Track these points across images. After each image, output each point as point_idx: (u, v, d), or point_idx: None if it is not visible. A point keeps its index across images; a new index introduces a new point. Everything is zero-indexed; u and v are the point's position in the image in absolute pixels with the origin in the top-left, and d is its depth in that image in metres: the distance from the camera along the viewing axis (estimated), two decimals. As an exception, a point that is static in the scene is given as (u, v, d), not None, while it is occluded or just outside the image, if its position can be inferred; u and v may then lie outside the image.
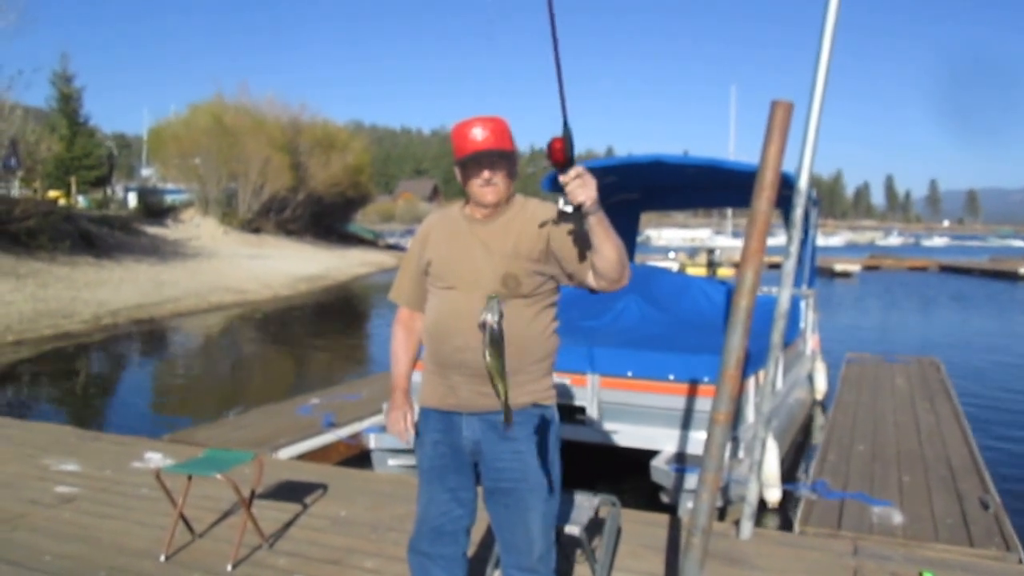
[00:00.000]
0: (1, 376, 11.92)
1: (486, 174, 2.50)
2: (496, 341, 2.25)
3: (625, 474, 5.94)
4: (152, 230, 29.89)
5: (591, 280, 2.48)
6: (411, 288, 2.75)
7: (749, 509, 4.35)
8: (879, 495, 5.26)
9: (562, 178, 2.23)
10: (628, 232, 10.19)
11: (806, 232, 7.59)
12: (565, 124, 2.26)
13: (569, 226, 2.40)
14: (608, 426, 5.67)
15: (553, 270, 2.54)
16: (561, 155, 2.24)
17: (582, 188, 2.21)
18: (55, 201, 26.66)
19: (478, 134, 2.47)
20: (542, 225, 2.49)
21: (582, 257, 2.45)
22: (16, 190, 24.48)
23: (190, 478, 4.12)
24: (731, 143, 51.50)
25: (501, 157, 2.50)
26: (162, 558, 3.99)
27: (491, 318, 2.25)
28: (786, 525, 5.39)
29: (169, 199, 38.69)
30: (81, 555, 4.05)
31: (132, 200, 38.99)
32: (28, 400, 10.69)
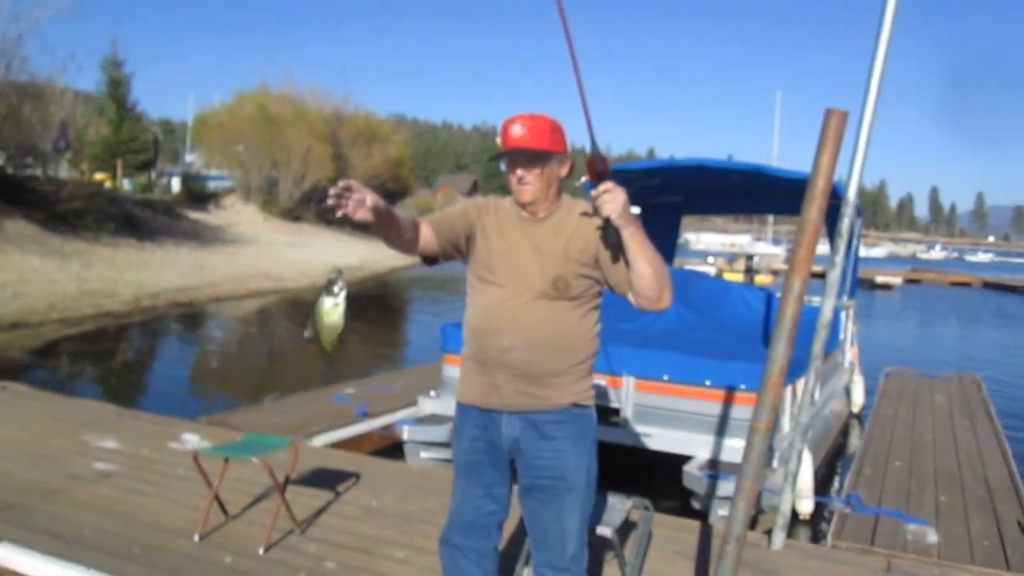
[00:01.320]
0: (45, 352, 12.19)
1: (519, 172, 2.51)
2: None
3: (656, 478, 5.91)
4: (194, 215, 30.33)
5: (631, 297, 2.52)
6: (442, 222, 2.64)
7: (782, 520, 4.31)
8: (914, 513, 5.18)
9: (593, 192, 2.36)
10: (669, 235, 10.12)
11: (849, 243, 7.50)
12: (593, 143, 2.45)
13: (609, 237, 2.46)
14: (641, 429, 5.64)
15: (599, 275, 2.56)
16: (593, 171, 2.41)
17: (609, 203, 2.33)
18: (101, 183, 27.17)
19: (515, 131, 2.47)
20: (583, 214, 2.52)
21: (616, 262, 2.49)
22: (64, 171, 24.98)
23: (226, 460, 4.18)
24: (775, 148, 50.65)
25: (535, 156, 2.48)
26: (196, 538, 4.05)
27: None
28: (817, 538, 5.33)
29: (211, 185, 39.18)
30: (118, 531, 4.13)
31: (175, 185, 39.56)
32: (70, 376, 10.91)
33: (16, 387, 7.36)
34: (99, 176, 30.35)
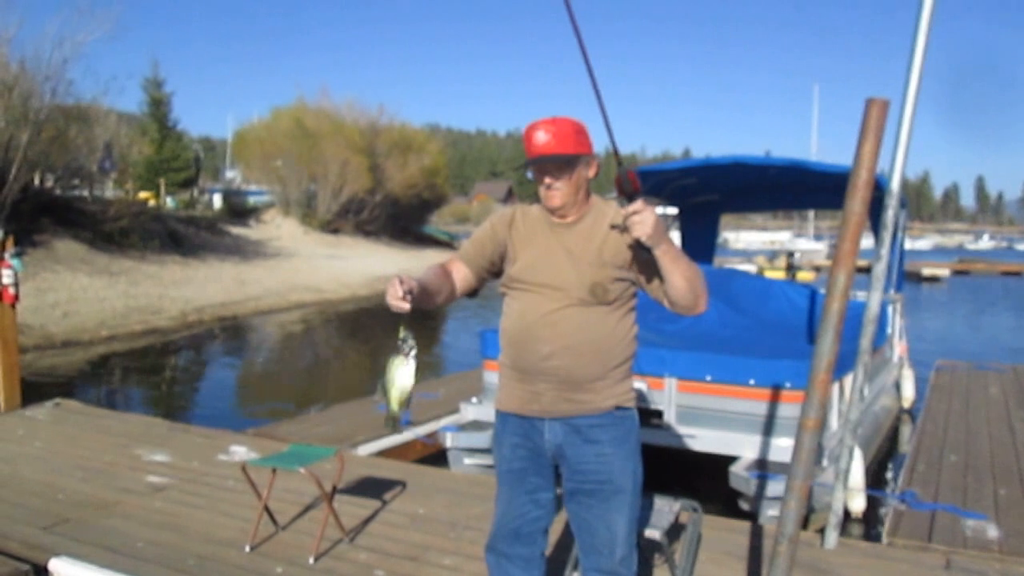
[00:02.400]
0: (96, 368, 12.45)
1: (546, 179, 2.49)
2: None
3: (701, 479, 5.85)
4: (236, 230, 30.77)
5: (667, 304, 2.51)
6: (473, 251, 2.69)
7: (835, 518, 4.24)
8: (972, 508, 5.05)
9: (622, 212, 2.33)
10: (707, 234, 10.03)
11: (895, 235, 7.38)
12: (619, 164, 2.39)
13: (640, 254, 2.44)
14: (685, 431, 5.59)
15: (634, 276, 2.54)
16: (621, 190, 2.38)
17: (639, 224, 2.28)
18: (145, 202, 27.68)
19: (539, 137, 2.45)
20: (613, 227, 2.48)
21: (650, 274, 2.48)
22: (110, 191, 25.51)
23: (274, 471, 4.22)
24: (813, 143, 50.02)
25: (563, 162, 2.46)
26: (247, 548, 4.10)
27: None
28: (871, 536, 5.24)
29: (252, 200, 39.72)
30: (171, 543, 4.19)
31: (217, 201, 40.17)
32: (121, 392, 11.13)
33: (69, 403, 7.52)
34: (143, 195, 30.92)
